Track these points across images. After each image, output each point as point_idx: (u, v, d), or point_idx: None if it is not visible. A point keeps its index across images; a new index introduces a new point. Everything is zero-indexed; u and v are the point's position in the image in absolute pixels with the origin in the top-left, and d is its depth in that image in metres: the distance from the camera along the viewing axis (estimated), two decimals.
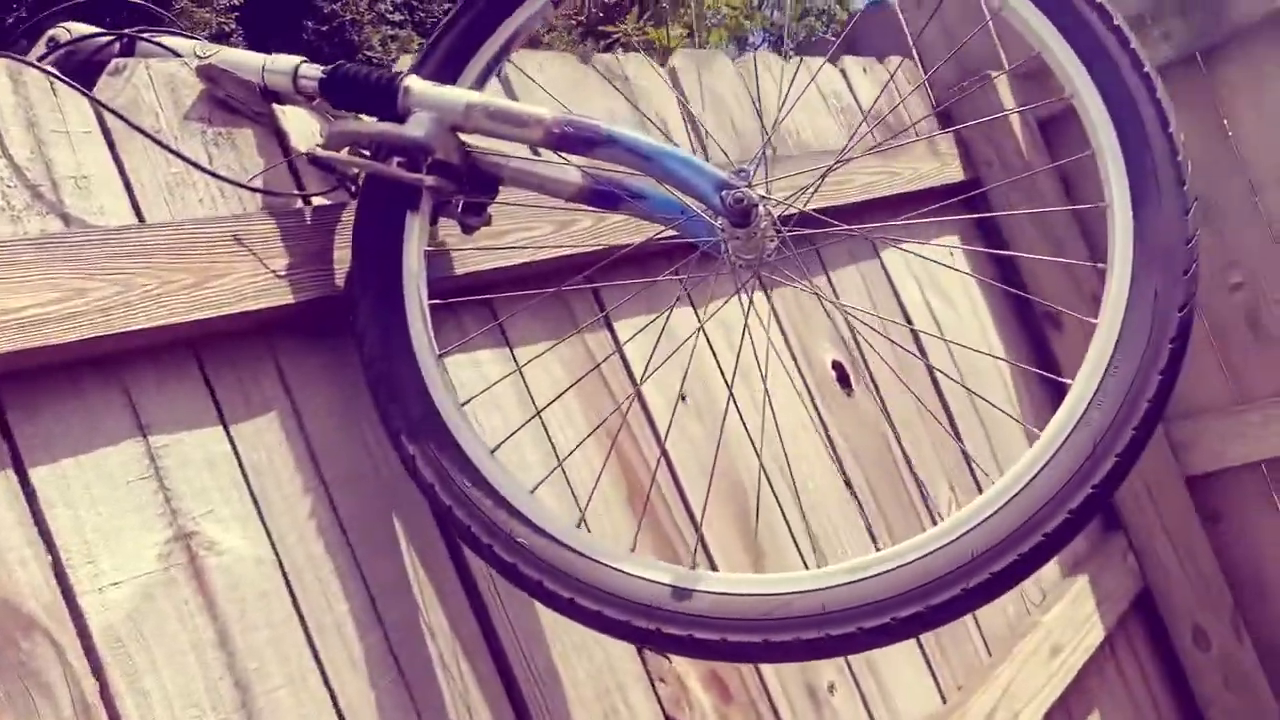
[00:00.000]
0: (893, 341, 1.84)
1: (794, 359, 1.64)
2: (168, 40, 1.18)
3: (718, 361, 1.49)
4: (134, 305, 0.94)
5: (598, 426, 1.25)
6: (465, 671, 1.07)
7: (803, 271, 1.67)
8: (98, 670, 0.85)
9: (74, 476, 0.90)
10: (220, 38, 2.29)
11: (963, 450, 1.85)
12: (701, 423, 1.43)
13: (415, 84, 1.05)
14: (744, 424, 1.49)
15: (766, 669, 1.34)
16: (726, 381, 1.48)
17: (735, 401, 1.48)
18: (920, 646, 1.58)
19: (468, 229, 1.13)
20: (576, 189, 1.09)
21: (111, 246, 0.94)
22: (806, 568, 1.33)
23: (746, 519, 1.42)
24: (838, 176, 1.78)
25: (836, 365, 1.72)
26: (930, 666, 1.59)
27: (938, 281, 2.04)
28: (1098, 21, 0.99)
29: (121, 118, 1.02)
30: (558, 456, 1.22)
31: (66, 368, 0.92)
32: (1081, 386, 0.93)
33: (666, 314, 1.33)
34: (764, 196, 0.99)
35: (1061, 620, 1.82)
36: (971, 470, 1.86)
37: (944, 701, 1.58)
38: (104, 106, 1.01)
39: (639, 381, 1.35)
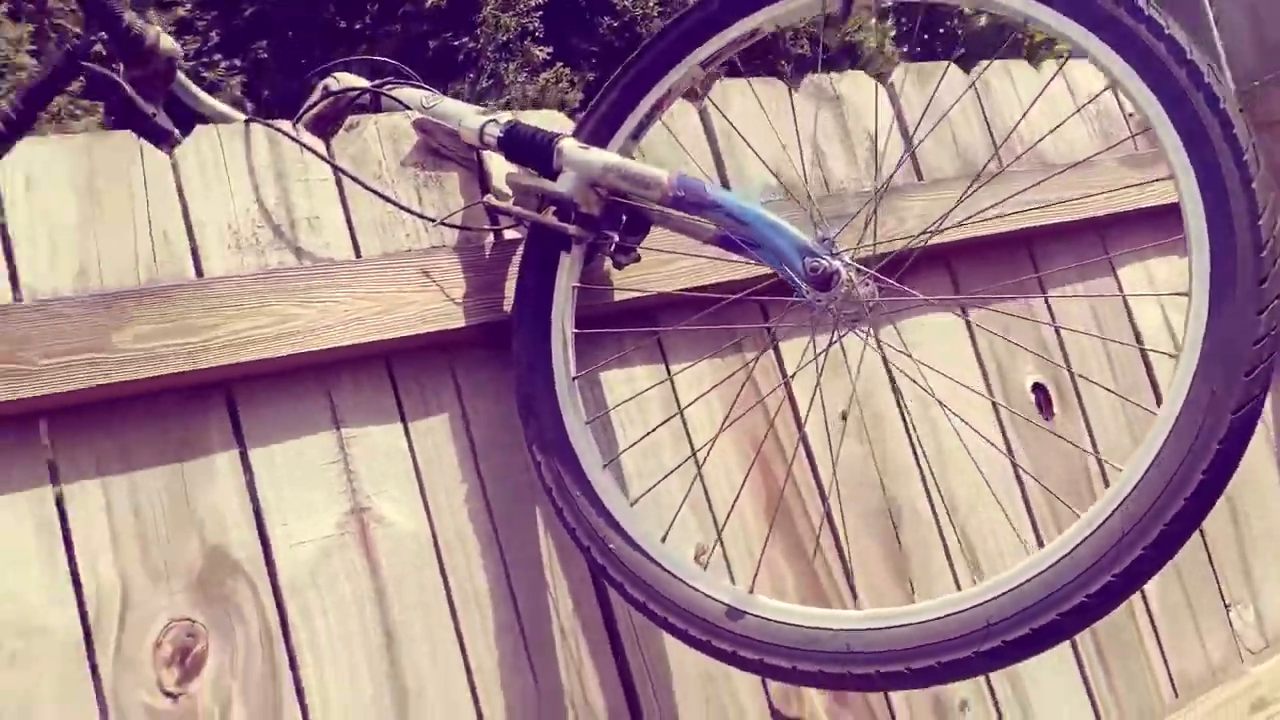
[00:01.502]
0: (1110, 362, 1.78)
1: (986, 380, 1.65)
2: (402, 92, 1.42)
3: (893, 380, 1.54)
4: (335, 327, 1.18)
5: (725, 426, 1.37)
6: (581, 646, 1.25)
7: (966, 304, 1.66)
8: (281, 608, 1.12)
9: (280, 458, 1.16)
10: (522, 37, 2.55)
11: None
12: (860, 442, 1.50)
13: (567, 146, 1.21)
14: (914, 445, 1.54)
15: None
16: (900, 403, 1.53)
17: (908, 421, 1.53)
18: (1084, 677, 1.56)
19: (618, 265, 1.28)
20: (711, 234, 1.20)
21: (324, 279, 1.19)
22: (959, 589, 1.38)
23: (898, 541, 1.48)
24: (1072, 184, 1.73)
25: (1037, 388, 1.70)
26: (1093, 699, 1.57)
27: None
28: (1202, 102, 0.96)
29: (344, 172, 1.26)
30: (698, 465, 1.36)
31: (283, 373, 1.18)
32: (1129, 470, 0.94)
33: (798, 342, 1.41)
34: (847, 263, 1.06)
35: (1276, 674, 1.70)
36: None
37: None
38: (331, 163, 1.26)
39: (787, 376, 1.45)
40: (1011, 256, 1.74)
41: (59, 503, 1.06)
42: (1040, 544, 1.60)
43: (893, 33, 3.58)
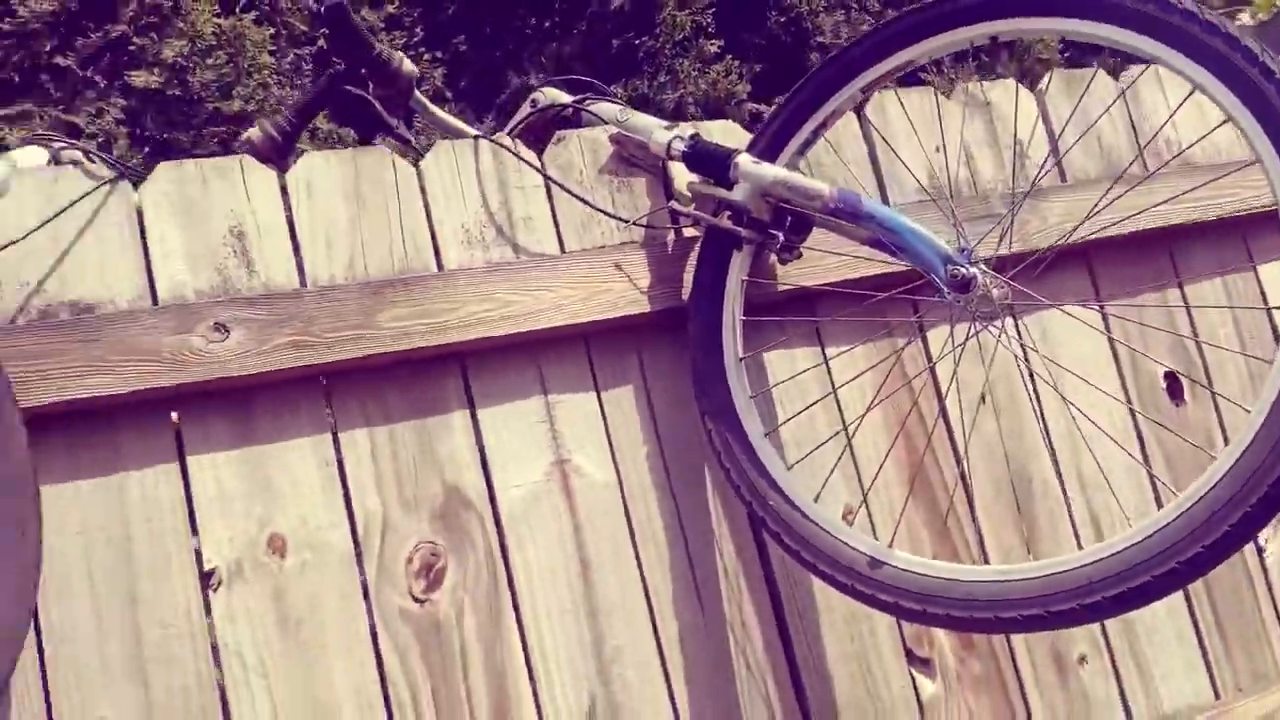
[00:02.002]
0: (1246, 355, 1.86)
1: (1119, 367, 1.77)
2: (599, 107, 1.64)
3: (1029, 367, 1.69)
4: (546, 311, 1.42)
5: (873, 404, 1.55)
6: (741, 583, 1.47)
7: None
8: (500, 537, 1.37)
9: (500, 417, 1.41)
10: (696, 34, 2.74)
11: None
12: (995, 417, 1.66)
13: (742, 161, 1.41)
14: (1042, 425, 1.68)
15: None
16: (1033, 390, 1.67)
17: (1036, 407, 1.68)
18: (1200, 640, 1.69)
19: (783, 261, 1.48)
20: (865, 236, 1.38)
21: (536, 271, 1.43)
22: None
23: (1025, 509, 1.64)
24: (1217, 187, 1.83)
25: (1169, 375, 1.81)
26: (1207, 661, 1.69)
27: None
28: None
29: (553, 180, 1.50)
30: (849, 437, 1.54)
31: (503, 347, 1.43)
32: (1222, 458, 1.08)
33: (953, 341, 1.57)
34: (983, 270, 1.23)
35: None
36: None
37: (1216, 698, 1.68)
38: (543, 173, 1.50)
39: (932, 363, 1.61)
40: (1150, 254, 1.85)
41: (336, 447, 1.34)
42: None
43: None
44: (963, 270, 1.22)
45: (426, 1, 3.18)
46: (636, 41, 2.64)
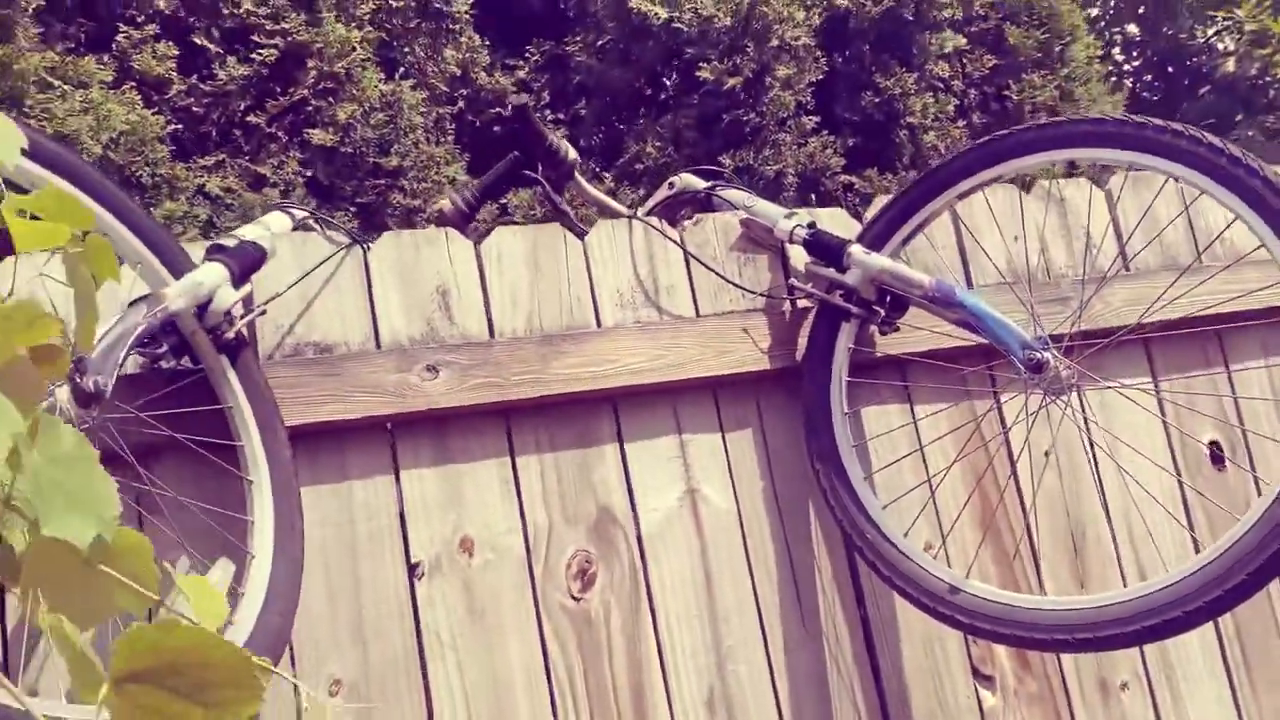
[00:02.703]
0: None
1: (1168, 436, 1.99)
2: (728, 193, 1.91)
3: (1089, 437, 1.92)
4: (684, 365, 1.69)
5: (955, 460, 1.80)
6: (836, 601, 1.72)
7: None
8: (641, 550, 1.64)
9: (643, 450, 1.68)
10: (797, 110, 3.00)
11: None
12: (1058, 477, 1.89)
13: (854, 250, 1.67)
14: (1098, 483, 1.91)
15: (1065, 659, 1.80)
16: (1092, 457, 1.90)
17: (1096, 472, 1.91)
18: (1229, 676, 1.89)
19: (883, 333, 1.73)
20: (955, 319, 1.63)
21: (676, 332, 1.70)
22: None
23: (1080, 555, 1.86)
24: (1265, 279, 2.04)
25: (1213, 444, 2.03)
26: (1235, 698, 1.89)
27: None
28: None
29: (692, 255, 1.77)
30: (931, 488, 1.79)
31: (647, 392, 1.70)
32: (1239, 524, 1.31)
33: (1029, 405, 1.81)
34: (1055, 356, 1.47)
35: None
36: None
37: None
38: (684, 249, 1.77)
39: (1007, 428, 1.85)
40: (1201, 340, 2.07)
41: (513, 469, 1.62)
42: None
43: (1122, 104, 3.82)
44: (1038, 355, 1.47)
45: (553, 68, 3.49)
46: (744, 118, 2.91)
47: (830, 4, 3.19)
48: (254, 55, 2.69)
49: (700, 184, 1.97)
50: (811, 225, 1.76)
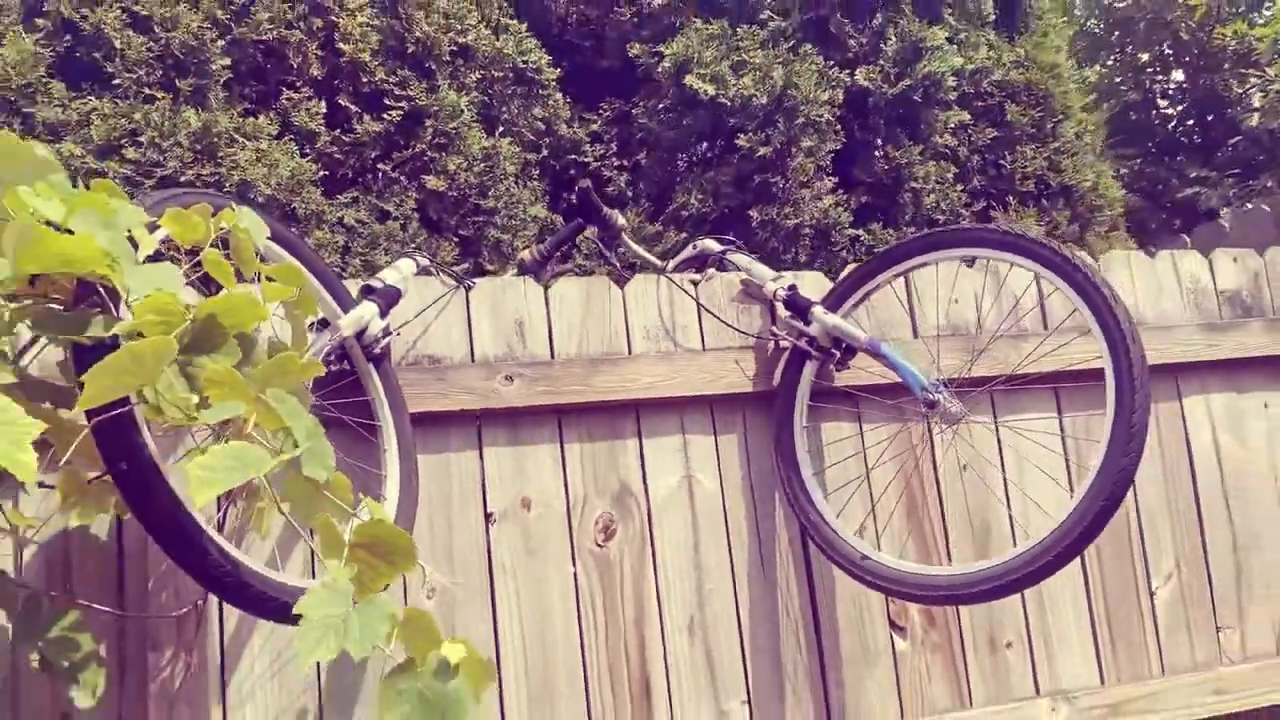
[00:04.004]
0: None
1: (1065, 452, 2.49)
2: (735, 257, 2.46)
3: (1001, 453, 2.43)
4: (690, 382, 2.25)
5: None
6: (790, 564, 2.26)
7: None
8: (649, 515, 2.21)
9: (656, 444, 2.25)
10: (817, 173, 3.52)
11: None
12: (976, 487, 2.41)
13: (816, 309, 2.21)
14: (1005, 490, 2.42)
15: (964, 619, 2.32)
16: (1000, 465, 2.42)
17: (1005, 474, 2.42)
18: (1096, 643, 2.40)
19: (838, 370, 2.27)
20: (883, 364, 2.16)
21: (686, 361, 2.27)
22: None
23: (982, 537, 2.38)
24: (1155, 342, 2.53)
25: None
26: (1099, 658, 2.39)
27: (1240, 425, 2.64)
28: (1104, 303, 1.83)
29: (702, 305, 2.33)
30: (869, 482, 2.32)
31: (661, 403, 2.27)
32: (1065, 512, 1.83)
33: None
34: (948, 398, 2.00)
35: (1241, 678, 2.44)
36: (1205, 550, 2.52)
37: (1101, 683, 2.39)
38: (696, 300, 2.33)
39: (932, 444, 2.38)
40: (1102, 388, 2.56)
41: (561, 452, 2.20)
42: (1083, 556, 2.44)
43: (1109, 172, 4.27)
44: (932, 395, 2.00)
45: (620, 123, 4.06)
46: (772, 180, 3.45)
47: (854, 83, 3.70)
48: (384, 115, 3.30)
49: (716, 248, 2.53)
50: (791, 287, 2.30)
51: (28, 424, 1.17)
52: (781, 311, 2.33)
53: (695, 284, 2.38)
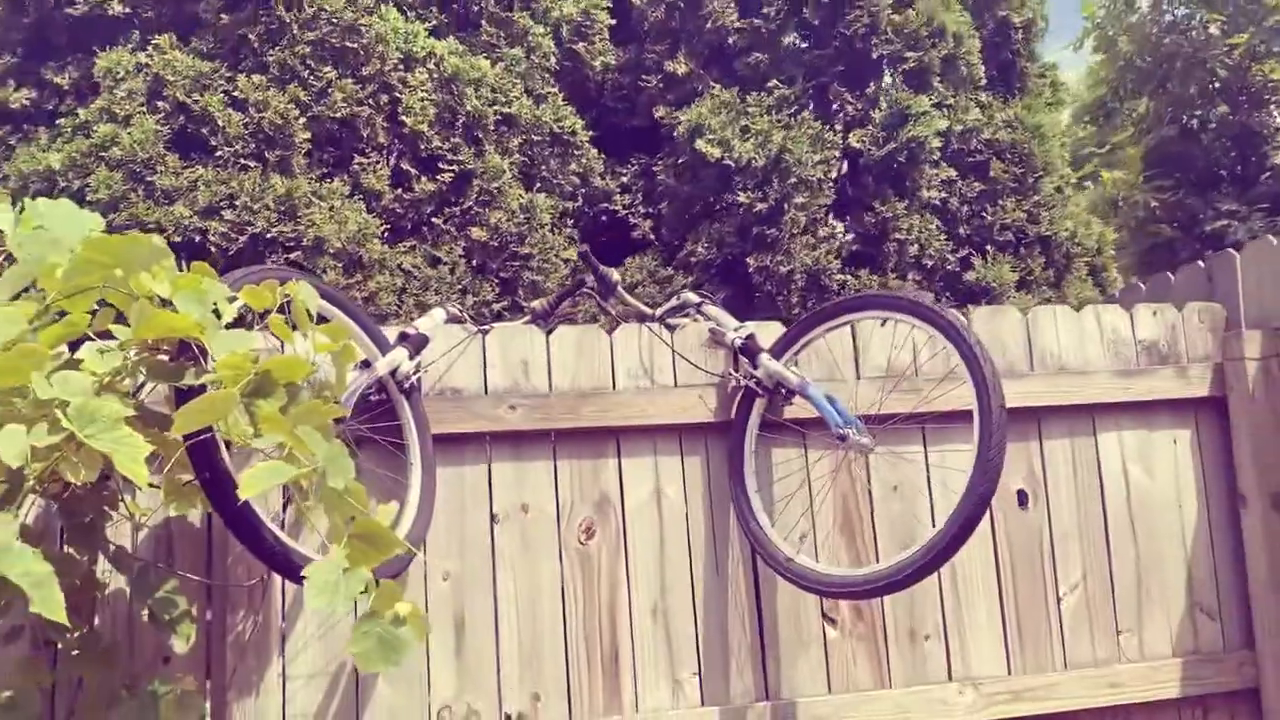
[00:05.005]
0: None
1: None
2: (707, 309, 2.88)
3: (929, 476, 2.81)
4: (662, 414, 2.69)
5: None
6: (740, 567, 2.67)
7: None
8: (624, 520, 2.64)
9: (631, 462, 2.68)
10: (812, 223, 3.93)
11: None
12: (904, 505, 2.79)
13: (762, 356, 2.62)
14: (932, 508, 2.80)
15: (888, 612, 2.71)
16: (929, 486, 2.80)
17: (931, 494, 2.80)
18: (1006, 640, 2.76)
19: (784, 405, 2.68)
20: (812, 404, 2.57)
21: (660, 395, 2.70)
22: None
23: (908, 545, 2.76)
24: (1075, 384, 2.89)
25: (1020, 491, 2.88)
26: (1008, 652, 2.75)
27: (1149, 458, 2.97)
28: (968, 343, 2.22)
29: (675, 351, 2.77)
30: (812, 503, 2.73)
31: (638, 430, 2.71)
32: (945, 521, 2.22)
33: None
34: (857, 431, 2.40)
35: (1136, 674, 2.78)
36: (1110, 564, 2.86)
37: (1008, 673, 2.74)
38: (671, 347, 2.77)
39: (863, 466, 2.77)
40: (1023, 424, 2.92)
41: (554, 466, 2.66)
42: (997, 564, 2.81)
43: (1083, 216, 4.57)
44: (843, 430, 2.40)
45: (646, 177, 4.51)
46: (768, 231, 3.87)
47: (848, 145, 4.10)
48: (438, 176, 3.82)
49: (695, 300, 2.96)
50: (749, 335, 2.72)
51: (142, 444, 1.67)
52: (740, 355, 2.76)
53: (671, 331, 2.82)
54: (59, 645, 2.11)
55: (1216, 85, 9.21)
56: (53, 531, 2.17)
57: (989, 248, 4.09)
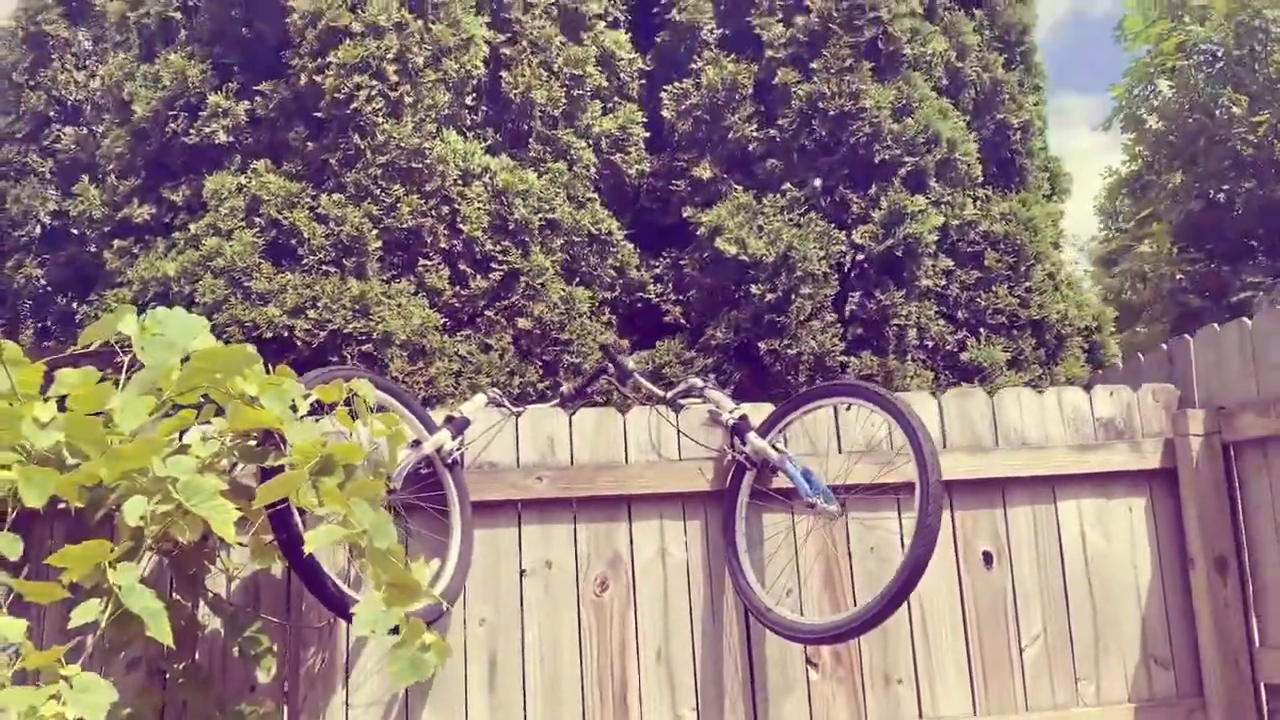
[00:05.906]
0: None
1: (955, 544, 3.15)
2: (708, 392, 3.25)
3: (902, 539, 3.11)
4: (668, 482, 3.06)
5: (797, 542, 3.06)
6: (734, 618, 3.00)
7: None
8: (633, 577, 3.00)
9: (640, 525, 3.06)
10: (817, 310, 4.30)
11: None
12: (880, 564, 3.10)
13: (750, 434, 2.98)
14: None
15: (865, 659, 3.00)
16: (903, 546, 3.10)
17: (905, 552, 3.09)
18: (972, 685, 3.02)
19: (770, 476, 3.03)
20: (787, 475, 2.91)
21: (666, 467, 3.08)
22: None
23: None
24: (1037, 457, 3.19)
25: (985, 553, 3.16)
26: (974, 696, 3.01)
27: (1106, 523, 3.23)
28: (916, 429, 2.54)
29: (679, 430, 3.14)
30: (798, 561, 3.05)
31: (646, 498, 3.07)
32: (888, 582, 2.53)
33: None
34: (825, 499, 2.73)
35: (1091, 716, 3.01)
36: (1069, 619, 3.11)
37: (974, 713, 3.00)
38: (676, 427, 3.14)
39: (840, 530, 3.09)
40: (987, 490, 3.21)
41: (574, 529, 3.03)
42: (965, 620, 3.08)
43: (1072, 302, 4.83)
44: (812, 500, 2.74)
45: (675, 268, 4.93)
46: (777, 319, 4.25)
47: (851, 240, 4.47)
48: (490, 275, 4.29)
49: (699, 384, 3.33)
50: (742, 416, 3.09)
51: (233, 510, 2.11)
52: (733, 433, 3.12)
53: (678, 411, 3.20)
54: (167, 674, 2.55)
55: (1239, 162, 9.32)
56: (164, 581, 2.62)
57: (982, 330, 4.39)
